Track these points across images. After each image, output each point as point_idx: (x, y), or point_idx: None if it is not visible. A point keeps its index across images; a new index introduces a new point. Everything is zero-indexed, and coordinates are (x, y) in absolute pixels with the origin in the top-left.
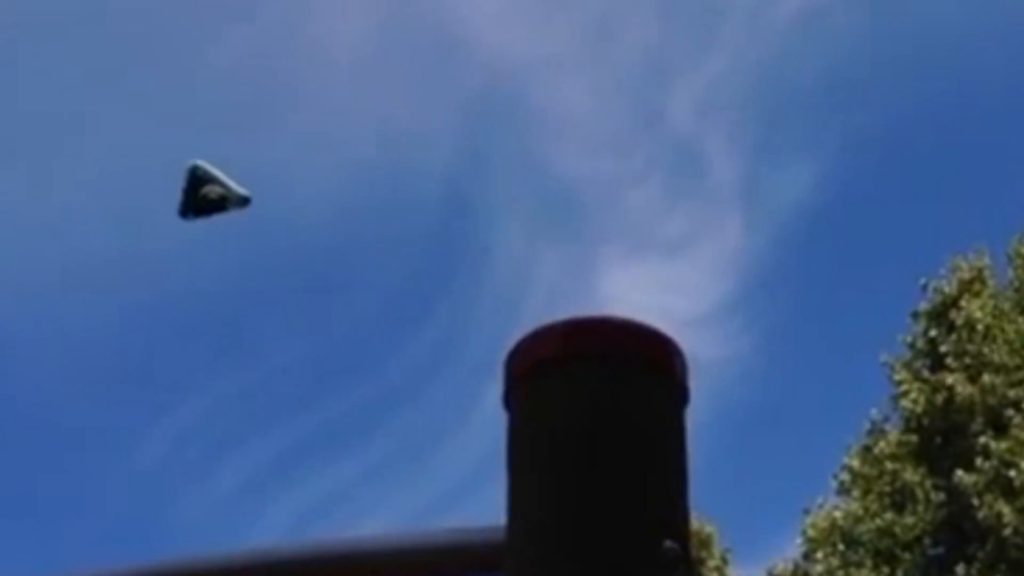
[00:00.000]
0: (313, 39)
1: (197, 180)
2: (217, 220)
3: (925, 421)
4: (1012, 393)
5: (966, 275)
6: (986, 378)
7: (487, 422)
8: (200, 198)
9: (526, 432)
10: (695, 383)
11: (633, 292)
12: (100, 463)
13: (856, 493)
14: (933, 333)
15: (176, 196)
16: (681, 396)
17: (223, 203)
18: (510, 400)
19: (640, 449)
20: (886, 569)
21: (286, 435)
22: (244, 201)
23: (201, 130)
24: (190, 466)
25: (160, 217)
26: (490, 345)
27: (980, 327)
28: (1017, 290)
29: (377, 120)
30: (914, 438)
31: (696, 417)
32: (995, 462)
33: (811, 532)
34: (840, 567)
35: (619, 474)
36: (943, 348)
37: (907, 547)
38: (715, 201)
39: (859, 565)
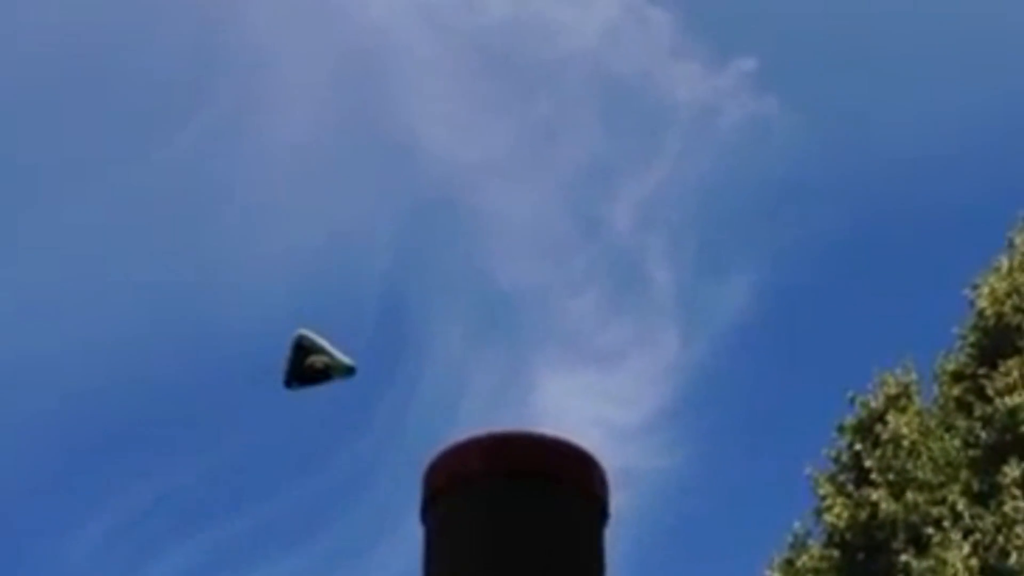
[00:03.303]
0: (257, 137)
1: (302, 350)
2: (152, 318)
3: (848, 536)
4: (935, 511)
5: (892, 390)
6: (910, 495)
7: (415, 532)
8: (306, 368)
9: (440, 549)
10: (627, 492)
11: (569, 401)
12: (28, 564)
13: None
14: (858, 447)
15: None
16: (601, 513)
17: (328, 372)
18: (426, 515)
19: (559, 567)
20: None
21: (218, 536)
22: (349, 371)
23: (140, 227)
24: (121, 566)
25: (95, 312)
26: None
27: (905, 443)
28: (942, 407)
29: (319, 220)
30: (836, 553)
31: (625, 528)
32: None
33: None
34: None
35: None
36: (868, 463)
37: None
38: (653, 311)
39: None
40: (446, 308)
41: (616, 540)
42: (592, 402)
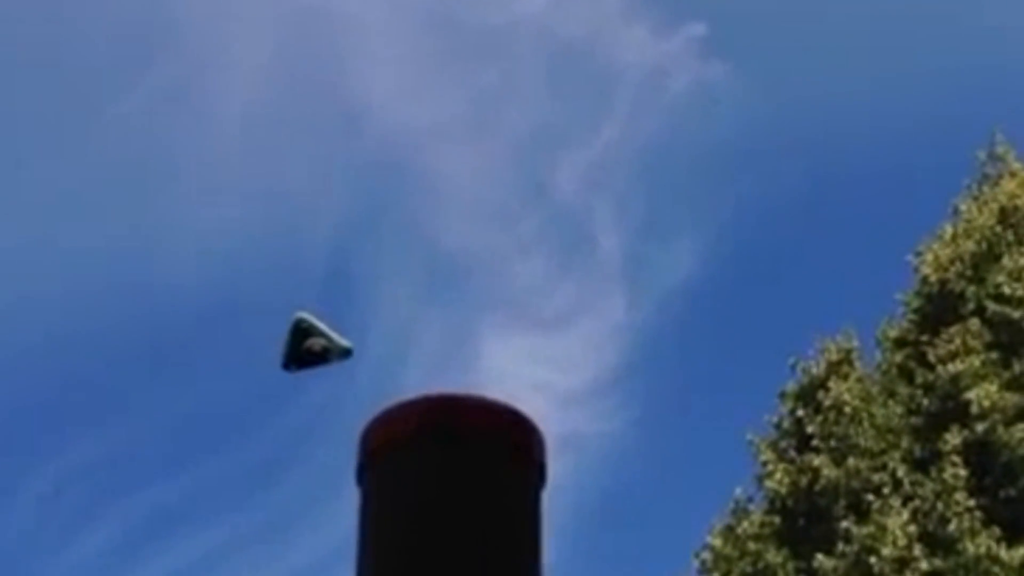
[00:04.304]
0: (205, 99)
1: (301, 332)
2: (95, 278)
3: (789, 503)
4: (876, 478)
5: (834, 357)
6: (851, 461)
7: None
8: (304, 350)
9: (376, 510)
10: (569, 457)
11: (514, 364)
12: None
13: (717, 574)
14: (800, 413)
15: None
16: (538, 476)
17: (326, 355)
18: (363, 477)
19: (494, 530)
20: None
21: (154, 500)
22: (346, 353)
23: (86, 191)
24: (56, 531)
25: (35, 270)
26: (368, 414)
27: (847, 410)
28: (884, 374)
29: (266, 183)
30: (777, 519)
31: (566, 493)
32: (856, 547)
33: None
34: None
35: (471, 556)
36: (809, 429)
37: None
38: (599, 276)
39: None
40: (393, 271)
41: (556, 504)
42: (537, 366)
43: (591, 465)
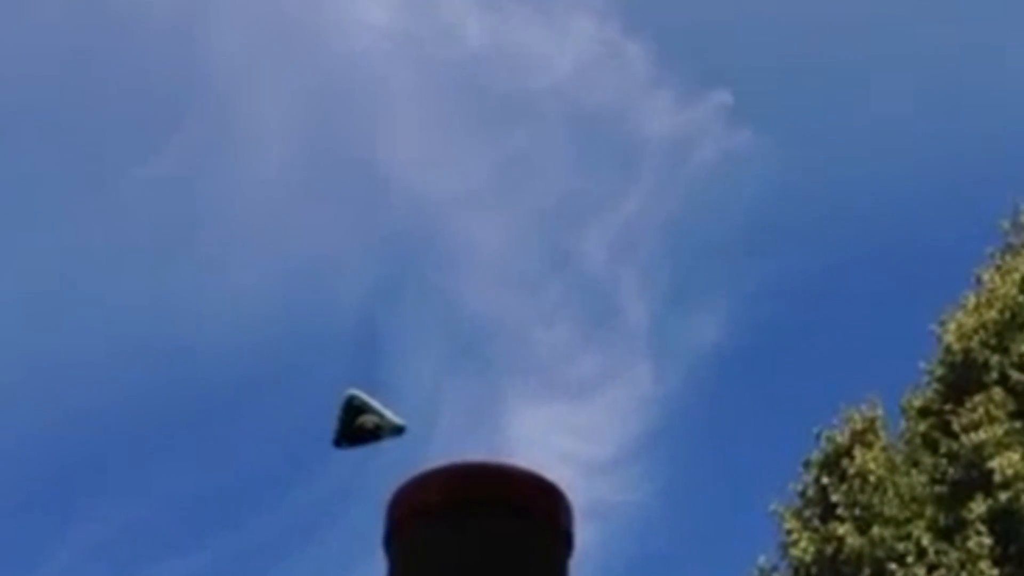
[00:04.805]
0: (233, 164)
1: (353, 409)
2: (122, 343)
3: (813, 571)
4: (901, 546)
5: (858, 426)
6: (875, 530)
7: (380, 567)
8: (356, 427)
9: None
10: (595, 526)
11: (540, 434)
12: None
13: None
14: (824, 482)
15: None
16: (565, 545)
17: (378, 432)
18: (389, 546)
19: None
20: None
21: (179, 570)
22: (399, 430)
23: (114, 258)
24: None
25: (65, 334)
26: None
27: (872, 478)
28: (908, 443)
29: (293, 250)
30: None
31: (592, 561)
32: None
33: None
34: None
35: None
36: (834, 498)
37: None
38: (625, 345)
39: None
40: (419, 338)
41: (582, 573)
42: (562, 435)
43: (617, 534)
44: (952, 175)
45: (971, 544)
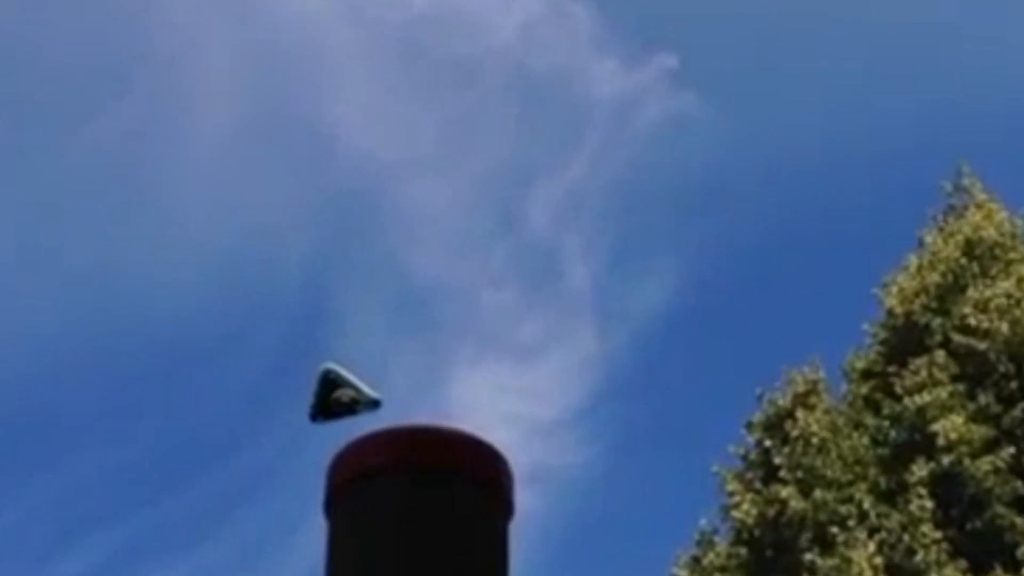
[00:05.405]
0: (176, 128)
1: (329, 384)
2: (64, 308)
3: (755, 533)
4: (843, 509)
5: (801, 388)
6: (818, 493)
7: (321, 530)
8: (332, 401)
9: (342, 543)
10: (538, 489)
11: (485, 395)
12: None
13: None
14: (767, 444)
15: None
16: (505, 509)
17: (354, 406)
18: (330, 509)
19: (460, 563)
20: None
21: (124, 532)
22: (375, 404)
23: (61, 219)
24: (20, 565)
25: (3, 298)
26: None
27: (814, 441)
28: (851, 405)
29: (238, 213)
30: (744, 551)
31: (533, 524)
32: None
33: None
34: None
35: None
36: (776, 460)
37: None
38: (570, 307)
39: None
40: (364, 301)
41: (523, 536)
42: (506, 397)
43: (558, 496)
44: (894, 137)
45: (913, 507)
